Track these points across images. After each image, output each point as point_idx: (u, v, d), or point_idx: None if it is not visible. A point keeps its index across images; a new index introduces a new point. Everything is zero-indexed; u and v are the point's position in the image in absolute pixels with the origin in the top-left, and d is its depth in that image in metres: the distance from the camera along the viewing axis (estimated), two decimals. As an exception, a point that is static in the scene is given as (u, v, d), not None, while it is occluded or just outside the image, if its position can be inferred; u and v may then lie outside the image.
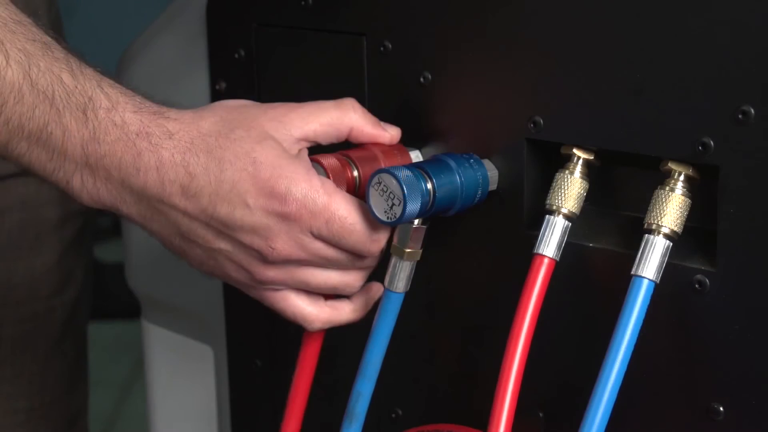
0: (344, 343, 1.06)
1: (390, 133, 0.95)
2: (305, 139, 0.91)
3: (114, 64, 1.26)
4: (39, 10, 1.18)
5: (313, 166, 0.90)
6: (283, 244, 0.88)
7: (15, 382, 1.24)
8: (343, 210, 0.89)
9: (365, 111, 0.94)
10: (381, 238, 0.91)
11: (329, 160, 0.92)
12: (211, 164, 0.86)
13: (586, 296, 0.90)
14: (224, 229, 0.88)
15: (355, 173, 0.93)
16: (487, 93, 0.93)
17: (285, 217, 0.87)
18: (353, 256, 0.91)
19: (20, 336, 1.23)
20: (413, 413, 1.03)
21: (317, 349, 1.00)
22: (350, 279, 0.93)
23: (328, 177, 0.91)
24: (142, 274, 1.28)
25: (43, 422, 1.27)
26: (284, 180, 0.87)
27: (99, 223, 2.54)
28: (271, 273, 0.90)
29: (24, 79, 0.84)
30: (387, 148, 0.95)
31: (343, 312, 0.96)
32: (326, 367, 1.09)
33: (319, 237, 0.89)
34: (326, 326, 0.96)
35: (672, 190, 0.84)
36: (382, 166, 0.93)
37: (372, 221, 0.90)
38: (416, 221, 0.92)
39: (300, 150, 0.90)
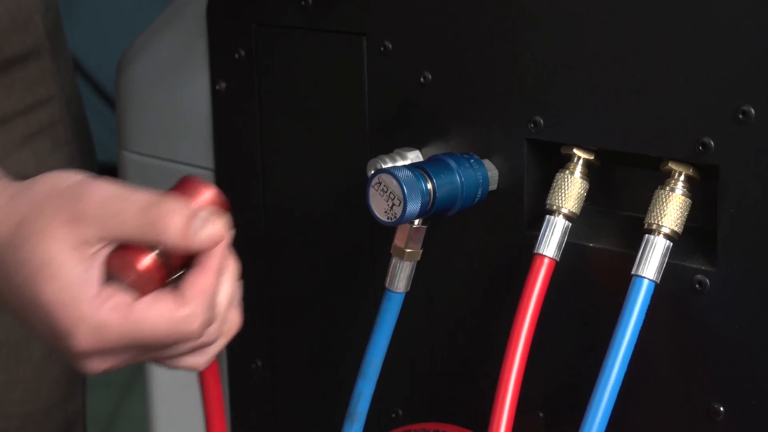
0: (344, 343, 1.06)
1: (198, 244, 0.79)
2: (106, 240, 0.78)
3: (114, 64, 1.26)
4: (34, 15, 1.18)
5: (117, 276, 0.78)
6: (91, 365, 0.80)
7: (10, 388, 1.24)
8: (146, 331, 0.78)
9: (184, 231, 0.78)
10: (186, 346, 0.80)
11: (138, 268, 0.78)
12: (10, 287, 0.79)
13: (587, 296, 0.90)
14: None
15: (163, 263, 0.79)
16: (488, 93, 0.93)
17: (77, 355, 0.79)
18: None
19: (15, 341, 1.23)
20: (413, 413, 1.03)
21: (217, 377, 0.96)
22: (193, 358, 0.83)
23: (133, 286, 0.78)
24: (142, 274, 1.27)
25: (39, 428, 1.26)
26: (65, 322, 0.77)
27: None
28: (104, 368, 0.81)
29: None
30: None
31: (220, 342, 0.85)
32: (327, 368, 1.09)
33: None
34: (214, 357, 0.87)
35: (672, 190, 0.84)
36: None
37: (180, 331, 0.79)
38: (416, 221, 0.92)
39: (95, 253, 0.78)
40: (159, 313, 0.78)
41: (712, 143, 0.82)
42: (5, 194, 0.81)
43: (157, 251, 0.78)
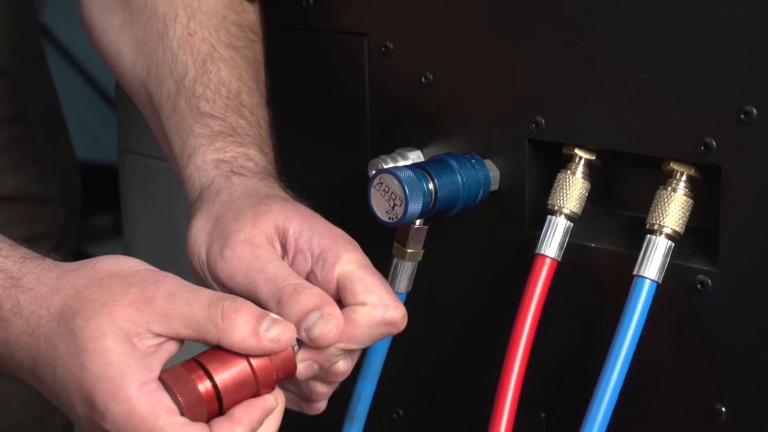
0: (345, 343, 1.06)
1: (268, 343, 0.77)
2: (165, 336, 0.77)
3: (114, 64, 1.26)
4: None
5: (165, 386, 0.75)
6: None
7: None
8: None
9: (255, 328, 0.76)
10: None
11: (187, 390, 0.75)
12: (49, 356, 0.78)
13: (588, 296, 0.90)
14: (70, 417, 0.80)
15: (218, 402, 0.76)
16: (489, 93, 0.92)
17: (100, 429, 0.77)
18: None
19: None
20: (414, 413, 1.03)
21: None
22: None
23: (180, 407, 0.75)
24: (142, 275, 1.27)
25: None
26: (105, 395, 0.75)
27: (99, 223, 2.55)
28: None
29: None
30: (266, 363, 0.77)
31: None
32: (327, 368, 1.09)
33: None
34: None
35: (674, 190, 0.84)
36: (259, 393, 0.77)
37: None
38: (418, 222, 0.92)
39: (157, 345, 0.77)
40: None
41: (714, 143, 0.81)
42: (59, 269, 0.79)
43: (215, 383, 0.75)
